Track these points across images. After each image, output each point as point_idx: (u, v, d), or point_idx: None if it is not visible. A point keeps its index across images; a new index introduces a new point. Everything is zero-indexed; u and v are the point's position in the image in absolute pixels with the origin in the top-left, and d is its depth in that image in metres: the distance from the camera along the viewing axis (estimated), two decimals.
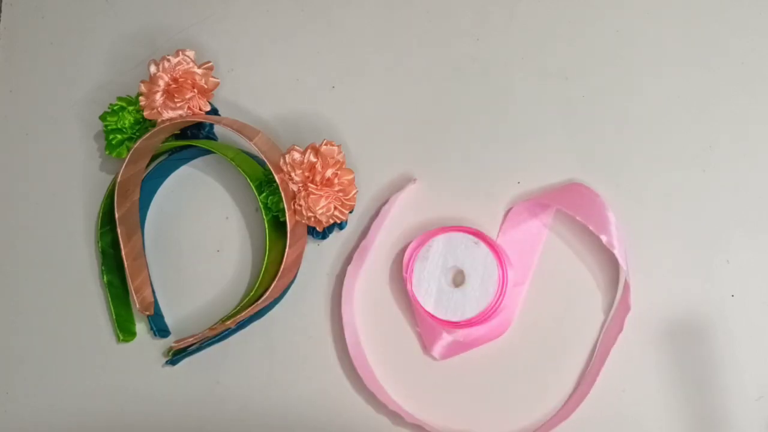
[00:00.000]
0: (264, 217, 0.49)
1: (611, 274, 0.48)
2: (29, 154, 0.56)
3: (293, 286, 0.51)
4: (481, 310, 0.46)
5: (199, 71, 0.49)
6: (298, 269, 0.50)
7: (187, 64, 0.49)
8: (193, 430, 0.50)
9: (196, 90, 0.49)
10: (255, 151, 0.48)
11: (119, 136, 0.50)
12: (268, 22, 0.56)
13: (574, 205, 0.48)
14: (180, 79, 0.49)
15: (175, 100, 0.49)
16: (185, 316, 0.52)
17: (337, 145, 0.48)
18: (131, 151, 0.49)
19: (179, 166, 0.54)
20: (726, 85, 0.50)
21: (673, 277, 0.47)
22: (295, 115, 0.54)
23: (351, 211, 0.50)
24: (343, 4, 0.55)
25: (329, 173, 0.47)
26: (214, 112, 0.52)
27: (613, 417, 0.46)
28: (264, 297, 0.47)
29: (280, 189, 0.47)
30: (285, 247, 0.47)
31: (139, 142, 0.49)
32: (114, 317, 0.51)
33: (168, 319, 0.52)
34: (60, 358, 0.52)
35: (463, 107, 0.52)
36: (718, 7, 0.51)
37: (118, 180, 0.49)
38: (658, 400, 0.46)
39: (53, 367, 0.52)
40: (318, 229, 0.49)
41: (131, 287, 0.50)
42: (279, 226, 0.49)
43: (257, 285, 0.49)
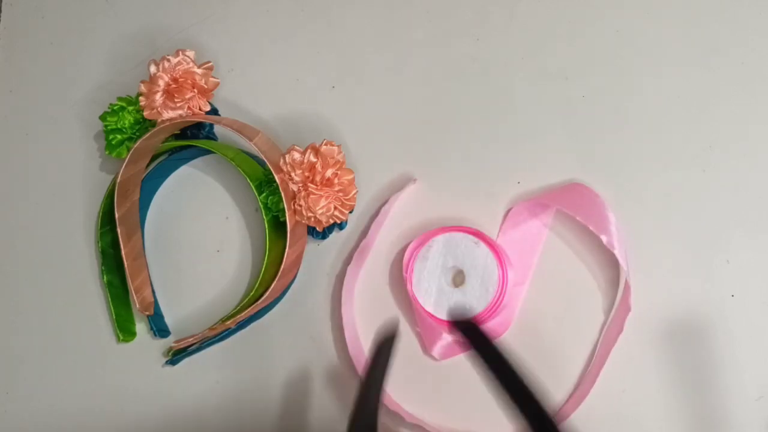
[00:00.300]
0: (264, 217, 0.49)
1: (611, 274, 0.48)
2: (29, 154, 0.56)
3: (293, 286, 0.51)
4: (481, 310, 0.46)
5: (199, 71, 0.49)
6: (298, 269, 0.50)
7: (187, 64, 0.49)
8: (193, 430, 0.50)
9: (196, 90, 0.49)
10: (255, 151, 0.48)
11: (119, 136, 0.51)
12: (268, 22, 0.56)
13: (574, 205, 0.48)
14: (180, 79, 0.49)
15: (175, 100, 0.49)
16: (185, 316, 0.52)
17: (337, 145, 0.48)
18: (131, 151, 0.49)
19: (179, 166, 0.54)
20: (726, 85, 0.50)
21: (673, 277, 0.47)
22: (295, 115, 0.54)
23: (351, 211, 0.50)
24: (343, 4, 0.55)
25: (329, 173, 0.47)
26: (214, 112, 0.52)
27: (613, 417, 0.46)
28: (264, 297, 0.47)
29: (280, 189, 0.47)
30: (285, 247, 0.47)
31: (139, 142, 0.49)
32: (114, 317, 0.51)
33: (168, 319, 0.52)
34: (60, 358, 0.52)
35: (463, 107, 0.52)
36: (718, 7, 0.51)
37: (118, 180, 0.49)
38: (658, 400, 0.46)
39: (53, 367, 0.52)
40: (318, 229, 0.49)
41: (131, 287, 0.50)
42: (279, 226, 0.49)
43: (257, 285, 0.49)
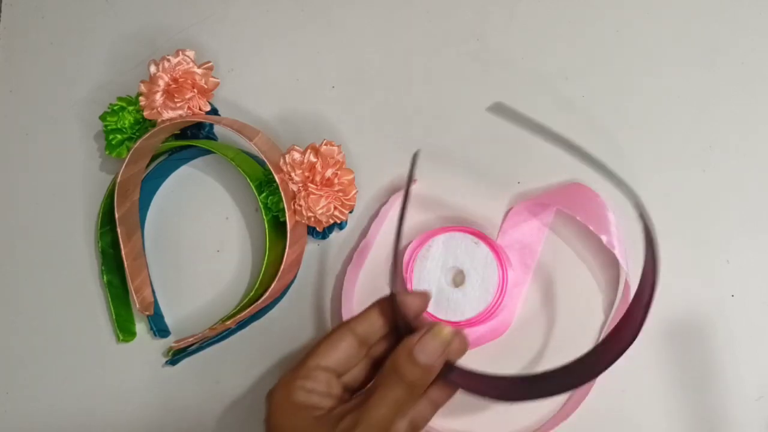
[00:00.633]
0: (264, 217, 0.49)
1: (611, 274, 0.48)
2: (29, 154, 0.56)
3: (293, 286, 0.51)
4: (481, 310, 0.46)
5: (199, 71, 0.49)
6: (298, 269, 0.50)
7: (187, 64, 0.49)
8: (193, 430, 0.50)
9: (196, 90, 0.49)
10: (255, 151, 0.48)
11: (119, 136, 0.51)
12: (268, 22, 0.56)
13: (575, 205, 0.48)
14: (180, 79, 0.49)
15: (175, 100, 0.49)
16: (185, 316, 0.52)
17: (337, 145, 0.48)
18: (131, 151, 0.49)
19: (179, 166, 0.54)
20: (726, 85, 0.50)
21: (673, 277, 0.47)
22: (295, 115, 0.54)
23: (351, 211, 0.50)
24: (343, 4, 0.55)
25: (329, 173, 0.47)
26: (214, 112, 0.52)
27: (613, 417, 0.46)
28: (264, 297, 0.47)
29: (280, 189, 0.47)
30: (285, 247, 0.47)
31: (139, 142, 0.49)
32: (114, 317, 0.51)
33: (168, 319, 0.52)
34: (60, 358, 0.52)
35: (463, 107, 0.52)
36: (718, 7, 0.51)
37: (118, 180, 0.49)
38: (658, 400, 0.46)
39: (53, 367, 0.52)
40: (318, 229, 0.49)
41: (131, 287, 0.50)
42: (279, 226, 0.49)
43: (257, 285, 0.49)
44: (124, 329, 0.51)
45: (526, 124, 0.38)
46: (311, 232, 0.50)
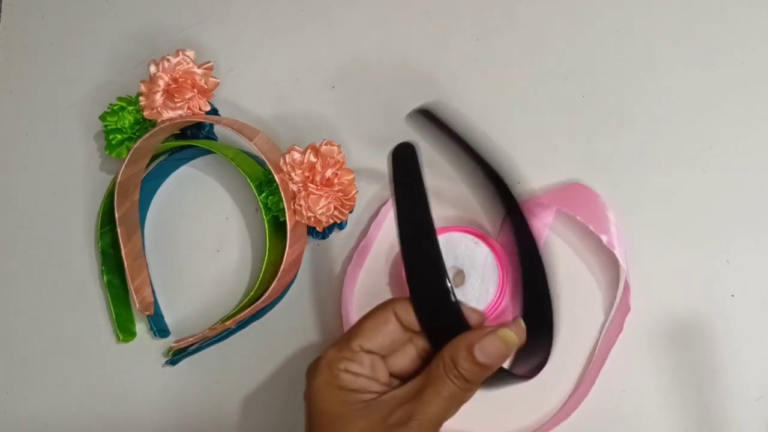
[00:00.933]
0: (264, 217, 0.48)
1: (611, 274, 0.48)
2: (29, 154, 0.56)
3: (293, 286, 0.51)
4: (481, 310, 0.46)
5: (199, 71, 0.49)
6: (298, 269, 0.50)
7: (187, 64, 0.49)
8: (193, 430, 0.50)
9: (195, 90, 0.49)
10: (255, 151, 0.48)
11: (119, 136, 0.51)
12: (268, 22, 0.56)
13: (575, 205, 0.47)
14: (180, 79, 0.49)
15: (175, 100, 0.49)
16: (185, 316, 0.52)
17: (337, 145, 0.48)
18: (131, 151, 0.49)
19: (179, 166, 0.54)
20: (726, 85, 0.50)
21: (673, 277, 0.47)
22: (295, 115, 0.54)
23: (351, 211, 0.50)
24: (343, 4, 0.55)
25: (329, 173, 0.47)
26: (214, 112, 0.52)
27: (613, 417, 0.46)
28: (264, 297, 0.47)
29: (280, 189, 0.47)
30: (285, 247, 0.47)
31: (139, 142, 0.49)
32: (114, 317, 0.51)
33: (168, 319, 0.52)
34: (60, 358, 0.52)
35: (462, 107, 0.52)
36: (718, 7, 0.51)
37: (118, 180, 0.49)
38: (658, 400, 0.46)
39: (53, 367, 0.52)
40: (318, 229, 0.49)
41: (131, 287, 0.50)
42: (279, 226, 0.49)
43: (257, 285, 0.49)
44: (124, 329, 0.51)
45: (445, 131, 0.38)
46: (311, 232, 0.50)
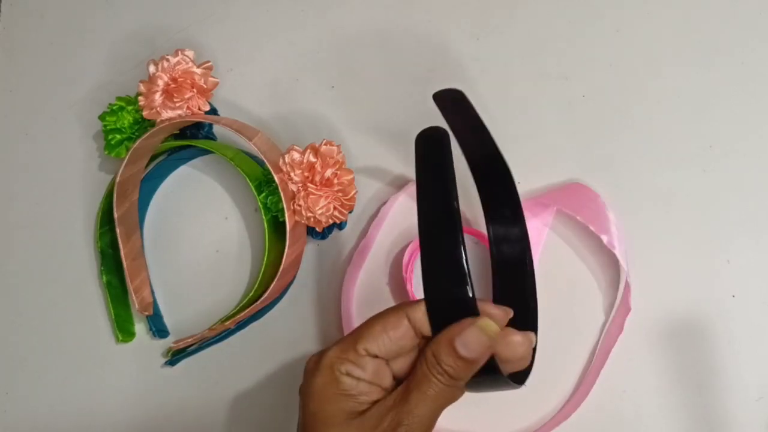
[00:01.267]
0: (263, 217, 0.48)
1: (612, 274, 0.48)
2: (29, 153, 0.56)
3: (292, 286, 0.50)
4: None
5: (198, 71, 0.49)
6: (298, 269, 0.50)
7: (187, 63, 0.49)
8: (193, 431, 0.50)
9: (195, 90, 0.49)
10: (254, 151, 0.47)
11: (118, 136, 0.50)
12: (268, 22, 0.56)
13: (575, 205, 0.47)
14: (179, 79, 0.49)
15: (174, 100, 0.49)
16: (184, 317, 0.52)
17: (337, 145, 0.47)
18: (130, 151, 0.49)
19: (178, 166, 0.54)
20: (726, 85, 0.50)
21: (673, 277, 0.47)
22: (294, 115, 0.54)
23: (351, 211, 0.50)
24: (343, 4, 0.55)
25: (329, 173, 0.47)
26: (214, 111, 0.52)
27: (614, 418, 0.46)
28: (263, 297, 0.47)
29: (280, 189, 0.47)
30: (284, 247, 0.47)
31: (138, 142, 0.49)
32: (113, 317, 0.51)
33: (167, 320, 0.52)
34: (59, 358, 0.52)
35: None
36: (718, 7, 0.51)
37: (117, 180, 0.49)
38: (658, 400, 0.46)
39: (53, 367, 0.52)
40: (317, 229, 0.49)
41: (130, 287, 0.50)
42: (278, 226, 0.49)
43: (256, 285, 0.48)
44: (124, 330, 0.51)
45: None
46: (311, 232, 0.50)
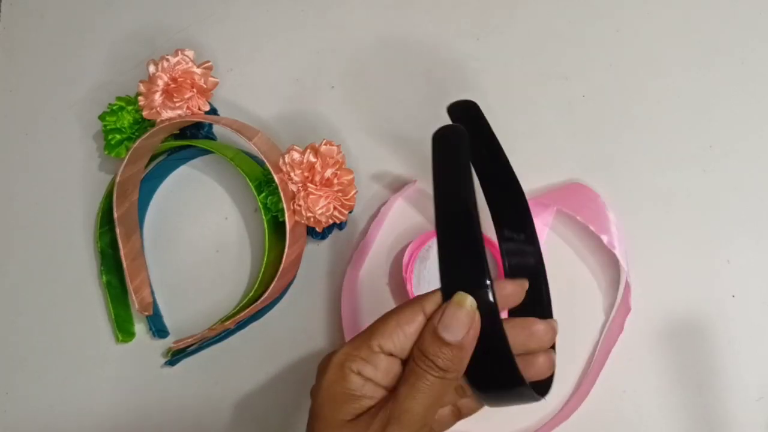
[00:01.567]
0: (263, 217, 0.48)
1: (612, 274, 0.48)
2: (29, 153, 0.56)
3: (292, 286, 0.50)
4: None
5: (198, 71, 0.49)
6: (298, 269, 0.50)
7: (186, 63, 0.49)
8: (193, 431, 0.50)
9: (195, 90, 0.49)
10: (254, 151, 0.47)
11: (118, 136, 0.50)
12: (268, 22, 0.56)
13: (575, 205, 0.47)
14: (179, 79, 0.49)
15: (174, 100, 0.48)
16: (184, 317, 0.52)
17: (337, 145, 0.47)
18: (130, 151, 0.49)
19: (178, 166, 0.54)
20: (726, 85, 0.50)
21: (673, 277, 0.47)
22: (294, 115, 0.54)
23: (350, 212, 0.50)
24: (343, 4, 0.55)
25: (329, 173, 0.47)
26: (213, 111, 0.52)
27: (614, 418, 0.46)
28: (263, 297, 0.47)
29: (280, 189, 0.47)
30: (284, 247, 0.47)
31: (138, 142, 0.49)
32: (113, 318, 0.51)
33: (167, 320, 0.52)
34: (59, 358, 0.52)
35: None
36: (718, 7, 0.51)
37: (117, 180, 0.49)
38: (659, 400, 0.46)
39: (53, 367, 0.52)
40: (317, 229, 0.49)
41: (130, 287, 0.50)
42: (278, 226, 0.49)
43: (256, 285, 0.48)
44: (124, 330, 0.51)
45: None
46: (311, 232, 0.50)
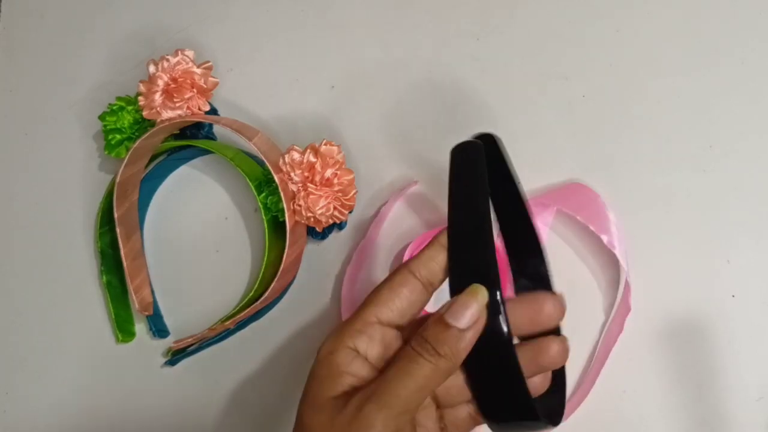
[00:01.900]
0: (263, 217, 0.48)
1: (612, 274, 0.48)
2: (29, 153, 0.56)
3: (292, 286, 0.50)
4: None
5: (198, 71, 0.49)
6: (298, 269, 0.50)
7: (186, 63, 0.49)
8: (193, 431, 0.50)
9: (195, 90, 0.49)
10: (254, 151, 0.47)
11: (118, 136, 0.50)
12: (268, 22, 0.56)
13: (575, 205, 0.47)
14: (179, 79, 0.49)
15: (174, 100, 0.48)
16: (184, 317, 0.52)
17: (337, 145, 0.47)
18: (130, 151, 0.49)
19: (178, 166, 0.54)
20: (726, 85, 0.50)
21: (673, 277, 0.47)
22: (294, 115, 0.53)
23: (351, 212, 0.50)
24: (343, 4, 0.55)
25: (329, 173, 0.47)
26: (214, 111, 0.52)
27: (614, 418, 0.46)
28: (263, 297, 0.47)
29: (280, 189, 0.47)
30: (284, 248, 0.47)
31: (138, 142, 0.49)
32: (113, 317, 0.51)
33: (167, 320, 0.52)
34: (59, 358, 0.52)
35: (462, 107, 0.52)
36: (718, 7, 0.51)
37: (117, 180, 0.49)
38: (659, 400, 0.46)
39: (53, 367, 0.52)
40: (317, 229, 0.49)
41: (130, 287, 0.50)
42: (278, 226, 0.49)
43: (256, 285, 0.48)
44: (124, 330, 0.51)
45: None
46: (311, 232, 0.50)
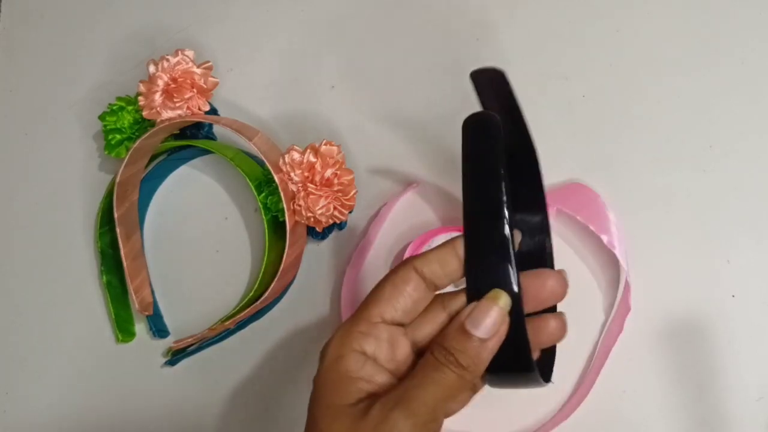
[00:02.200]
0: (263, 217, 0.48)
1: (612, 274, 0.48)
2: (28, 154, 0.56)
3: (292, 286, 0.50)
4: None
5: (198, 71, 0.49)
6: (298, 269, 0.50)
7: (186, 63, 0.49)
8: (193, 431, 0.50)
9: (195, 90, 0.49)
10: (254, 151, 0.47)
11: (118, 136, 0.50)
12: (268, 22, 0.56)
13: (575, 205, 0.47)
14: (179, 79, 0.49)
15: (174, 100, 0.49)
16: (184, 317, 0.52)
17: (337, 145, 0.47)
18: (130, 151, 0.49)
19: (178, 166, 0.54)
20: (726, 85, 0.50)
21: (673, 277, 0.47)
22: (294, 115, 0.53)
23: (350, 211, 0.50)
24: (343, 4, 0.55)
25: (329, 173, 0.47)
26: (214, 111, 0.52)
27: (613, 418, 0.46)
28: (263, 297, 0.47)
29: (280, 189, 0.47)
30: (284, 248, 0.47)
31: (138, 142, 0.49)
32: (113, 317, 0.51)
33: (167, 320, 0.52)
34: (59, 358, 0.52)
35: (462, 107, 0.52)
36: (718, 6, 0.51)
37: (117, 180, 0.49)
38: (659, 400, 0.46)
39: (53, 367, 0.52)
40: (317, 229, 0.49)
41: (130, 287, 0.50)
42: (278, 226, 0.49)
43: (256, 285, 0.48)
44: (124, 330, 0.51)
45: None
46: (311, 232, 0.50)
